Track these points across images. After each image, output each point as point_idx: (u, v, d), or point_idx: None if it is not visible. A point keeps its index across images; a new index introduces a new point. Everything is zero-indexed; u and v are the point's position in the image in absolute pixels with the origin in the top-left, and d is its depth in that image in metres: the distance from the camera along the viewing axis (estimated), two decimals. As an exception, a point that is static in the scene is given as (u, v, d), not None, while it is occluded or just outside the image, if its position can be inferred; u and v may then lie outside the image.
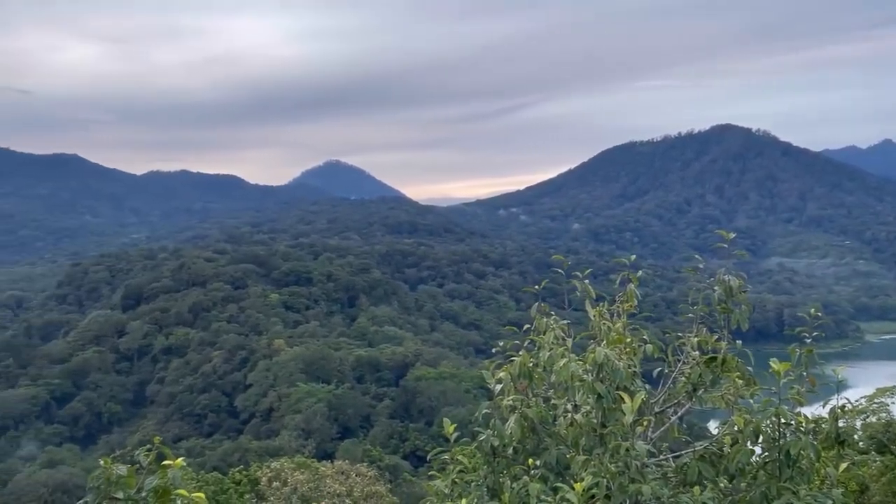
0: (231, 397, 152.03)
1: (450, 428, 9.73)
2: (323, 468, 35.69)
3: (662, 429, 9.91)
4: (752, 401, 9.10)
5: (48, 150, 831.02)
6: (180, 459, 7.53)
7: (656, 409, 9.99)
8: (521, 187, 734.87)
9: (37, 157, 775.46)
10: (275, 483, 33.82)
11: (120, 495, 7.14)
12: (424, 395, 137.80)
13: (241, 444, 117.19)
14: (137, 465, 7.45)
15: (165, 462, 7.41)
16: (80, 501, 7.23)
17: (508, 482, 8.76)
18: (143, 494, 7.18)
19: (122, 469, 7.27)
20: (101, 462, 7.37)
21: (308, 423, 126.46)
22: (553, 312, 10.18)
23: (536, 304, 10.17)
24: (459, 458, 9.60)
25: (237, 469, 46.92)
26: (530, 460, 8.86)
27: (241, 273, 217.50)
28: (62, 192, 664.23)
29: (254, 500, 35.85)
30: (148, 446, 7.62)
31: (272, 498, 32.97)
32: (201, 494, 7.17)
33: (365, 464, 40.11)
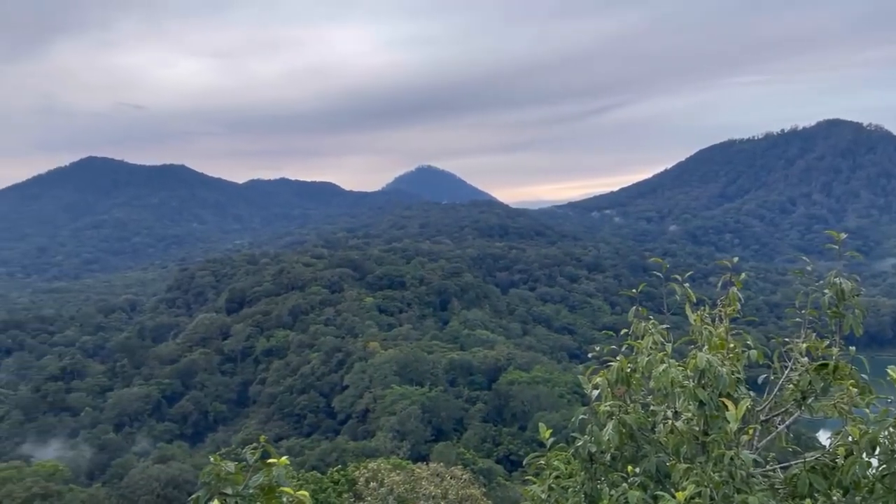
0: (328, 398, 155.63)
1: (545, 433, 9.67)
2: (418, 470, 36.04)
3: (769, 438, 9.52)
4: (867, 410, 8.61)
5: (158, 161, 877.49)
6: (284, 458, 7.79)
7: (762, 418, 9.61)
8: (615, 188, 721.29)
9: (148, 168, 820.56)
10: (372, 483, 34.42)
11: (229, 491, 7.44)
12: (517, 400, 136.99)
13: (338, 445, 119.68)
14: (244, 463, 7.75)
15: (270, 460, 7.69)
16: (193, 496, 7.54)
17: (607, 489, 8.63)
18: (251, 491, 7.47)
19: (230, 466, 7.58)
20: (211, 459, 7.69)
21: (402, 424, 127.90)
22: (651, 317, 9.95)
23: (634, 307, 9.97)
24: (556, 463, 9.52)
25: (335, 469, 48.05)
26: (629, 467, 8.70)
27: (337, 277, 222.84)
28: (171, 201, 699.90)
29: (351, 500, 36.59)
30: (254, 445, 7.92)
31: (369, 498, 33.56)
32: (306, 493, 7.38)
33: (459, 466, 40.29)
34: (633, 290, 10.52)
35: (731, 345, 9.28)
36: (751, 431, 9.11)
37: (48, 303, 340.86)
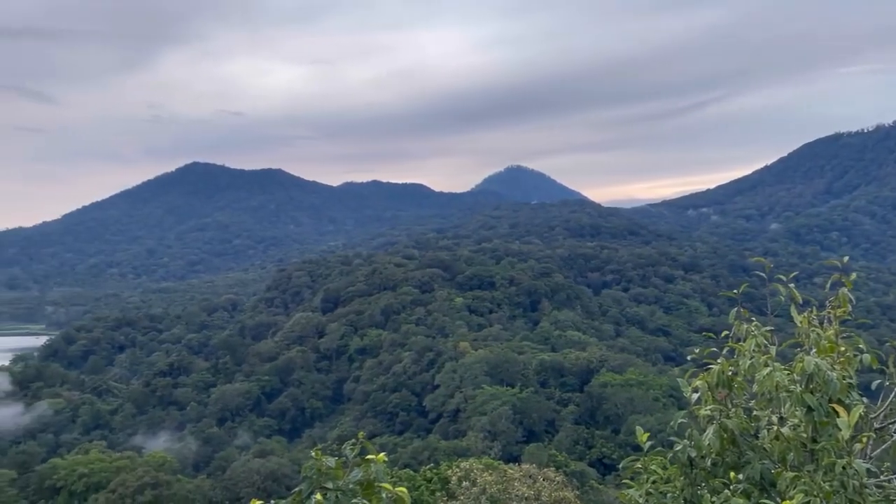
0: (420, 397, 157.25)
1: (643, 436, 9.48)
2: (510, 470, 35.95)
3: (884, 447, 9.02)
4: None
5: (257, 166, 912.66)
6: (382, 454, 7.96)
7: (876, 426, 9.13)
8: (712, 186, 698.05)
9: (248, 173, 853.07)
10: (464, 483, 34.58)
11: (330, 485, 7.68)
12: (610, 402, 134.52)
13: (430, 443, 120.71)
14: (344, 458, 7.98)
15: (369, 456, 7.88)
16: (296, 489, 7.82)
17: (708, 495, 8.39)
18: (351, 486, 7.68)
19: (331, 461, 7.82)
20: (313, 454, 7.96)
21: (493, 425, 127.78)
22: (753, 318, 9.61)
23: (735, 309, 9.65)
24: (653, 467, 9.33)
25: (428, 467, 48.57)
26: (731, 474, 8.43)
27: (427, 277, 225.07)
28: (269, 204, 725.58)
29: (444, 499, 36.89)
30: (353, 441, 8.15)
31: (462, 497, 33.73)
32: (404, 489, 7.53)
33: (552, 468, 39.94)
34: (734, 291, 10.19)
35: (842, 348, 8.86)
36: (864, 440, 8.66)
37: (157, 302, 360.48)
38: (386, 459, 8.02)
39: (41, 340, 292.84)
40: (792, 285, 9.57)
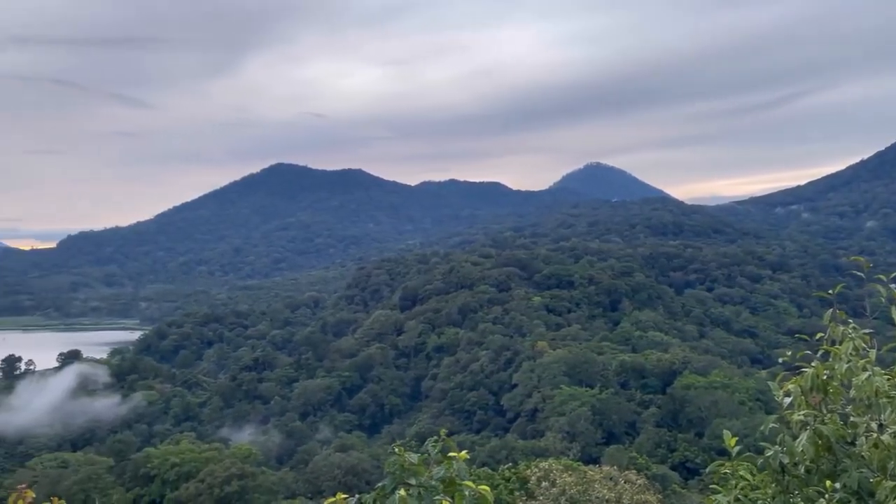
0: (497, 396, 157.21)
1: (731, 441, 9.22)
2: (590, 472, 35.54)
3: None
4: None
5: (338, 166, 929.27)
6: (464, 452, 8.02)
7: None
8: (802, 182, 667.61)
9: (329, 173, 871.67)
10: (543, 483, 34.38)
11: (412, 481, 7.79)
12: (694, 405, 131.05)
13: (507, 443, 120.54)
14: (426, 455, 8.08)
15: (451, 454, 7.96)
16: (379, 484, 7.97)
17: (801, 504, 8.10)
18: (433, 483, 7.77)
19: (413, 458, 7.94)
20: (395, 450, 8.10)
21: (572, 425, 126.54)
22: (850, 320, 9.19)
23: (831, 310, 9.25)
24: (741, 473, 9.06)
25: (506, 466, 48.49)
26: (827, 482, 8.10)
27: (504, 276, 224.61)
28: (349, 204, 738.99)
29: (523, 498, 36.76)
30: (435, 438, 8.25)
31: (541, 497, 33.55)
32: (486, 487, 7.57)
33: (633, 471, 39.21)
34: (828, 292, 9.75)
35: (949, 353, 8.39)
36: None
37: (243, 299, 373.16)
38: (467, 457, 8.07)
39: (136, 335, 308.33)
40: (893, 286, 9.11)
